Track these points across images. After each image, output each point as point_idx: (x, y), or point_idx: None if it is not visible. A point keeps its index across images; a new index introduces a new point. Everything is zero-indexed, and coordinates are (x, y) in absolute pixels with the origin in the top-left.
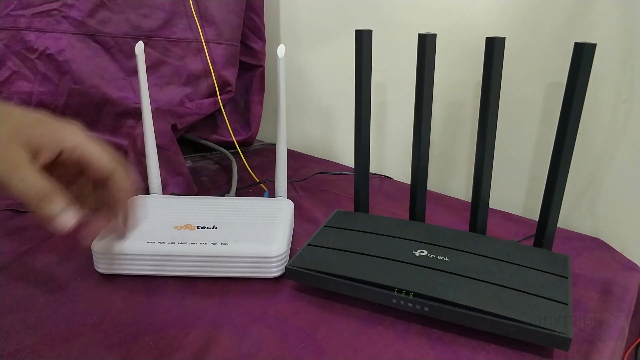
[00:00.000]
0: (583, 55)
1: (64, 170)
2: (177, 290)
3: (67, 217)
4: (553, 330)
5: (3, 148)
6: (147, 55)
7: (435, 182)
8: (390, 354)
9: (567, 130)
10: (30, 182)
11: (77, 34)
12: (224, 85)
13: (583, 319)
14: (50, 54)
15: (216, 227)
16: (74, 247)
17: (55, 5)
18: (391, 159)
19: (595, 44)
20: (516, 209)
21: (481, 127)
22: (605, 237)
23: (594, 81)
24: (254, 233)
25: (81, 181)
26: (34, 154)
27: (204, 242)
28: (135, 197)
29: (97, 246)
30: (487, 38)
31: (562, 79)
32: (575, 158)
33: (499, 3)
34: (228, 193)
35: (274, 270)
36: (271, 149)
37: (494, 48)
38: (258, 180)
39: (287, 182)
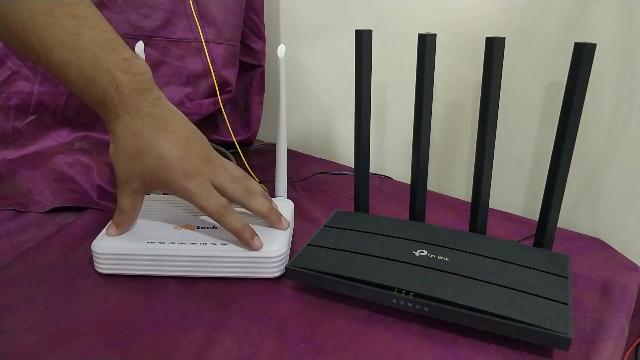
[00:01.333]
0: (583, 55)
1: None
2: (177, 290)
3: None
4: (553, 330)
5: (131, 180)
6: (147, 55)
7: (435, 182)
8: (390, 354)
9: (567, 130)
10: (125, 204)
11: None
12: (224, 85)
13: (583, 319)
14: None
15: (216, 227)
16: (74, 247)
17: None
18: (391, 159)
19: (595, 44)
20: (516, 209)
21: (481, 127)
22: (605, 237)
23: (594, 81)
24: None
25: None
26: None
27: (204, 242)
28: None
29: (97, 246)
30: (487, 38)
31: (562, 79)
32: (575, 158)
33: (499, 3)
34: None
35: (274, 270)
36: (271, 149)
37: (494, 48)
38: (258, 181)
39: (287, 182)
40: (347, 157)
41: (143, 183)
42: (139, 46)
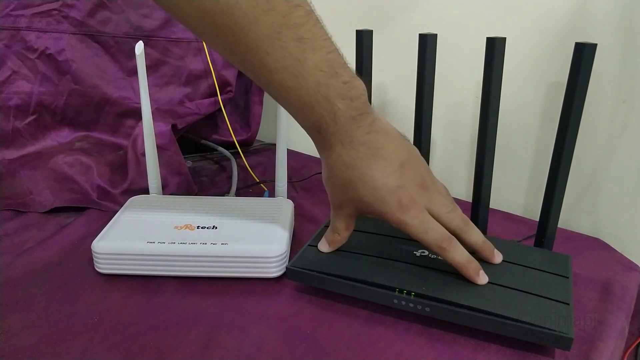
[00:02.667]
0: (584, 55)
1: None
2: (177, 290)
3: None
4: (554, 330)
5: (345, 206)
6: (147, 55)
7: None
8: (391, 354)
9: (568, 130)
10: (340, 226)
11: (77, 34)
12: (224, 85)
13: (583, 319)
14: (50, 54)
15: (216, 227)
16: (74, 247)
17: (55, 5)
18: None
19: (596, 44)
20: (516, 209)
21: (482, 127)
22: (605, 237)
23: (594, 81)
24: (254, 233)
25: None
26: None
27: (204, 242)
28: (137, 197)
29: (97, 246)
30: (487, 38)
31: (562, 79)
32: (575, 158)
33: (499, 3)
34: (228, 193)
35: (274, 270)
36: (271, 149)
37: (494, 48)
38: (258, 180)
39: (287, 182)
40: None
41: (357, 209)
42: (139, 46)
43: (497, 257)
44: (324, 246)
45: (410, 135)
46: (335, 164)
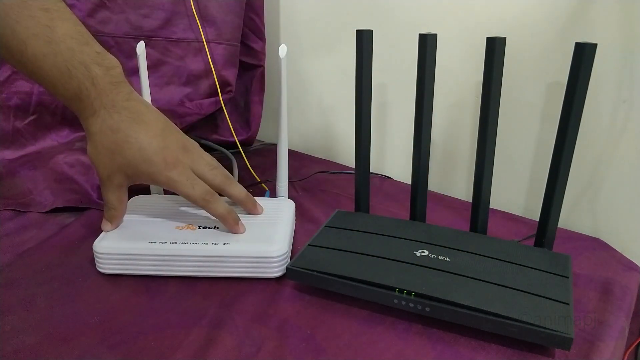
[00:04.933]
0: (584, 55)
1: None
2: (178, 290)
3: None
4: (554, 330)
5: (114, 175)
6: (147, 55)
7: (435, 183)
8: (391, 354)
9: (568, 130)
10: (112, 199)
11: None
12: (224, 85)
13: (583, 319)
14: None
15: (217, 227)
16: (75, 247)
17: None
18: (392, 159)
19: (596, 44)
20: (517, 209)
21: (482, 127)
22: (605, 237)
23: (594, 81)
24: (255, 233)
25: None
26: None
27: (205, 242)
28: (139, 197)
29: (98, 246)
30: (487, 38)
31: (563, 79)
32: (575, 158)
33: (499, 3)
34: None
35: (275, 270)
36: (271, 149)
37: (494, 48)
38: (259, 180)
39: (288, 181)
40: (347, 157)
41: (126, 176)
42: (140, 46)
43: (259, 209)
44: (106, 226)
45: (410, 134)
46: (100, 129)
